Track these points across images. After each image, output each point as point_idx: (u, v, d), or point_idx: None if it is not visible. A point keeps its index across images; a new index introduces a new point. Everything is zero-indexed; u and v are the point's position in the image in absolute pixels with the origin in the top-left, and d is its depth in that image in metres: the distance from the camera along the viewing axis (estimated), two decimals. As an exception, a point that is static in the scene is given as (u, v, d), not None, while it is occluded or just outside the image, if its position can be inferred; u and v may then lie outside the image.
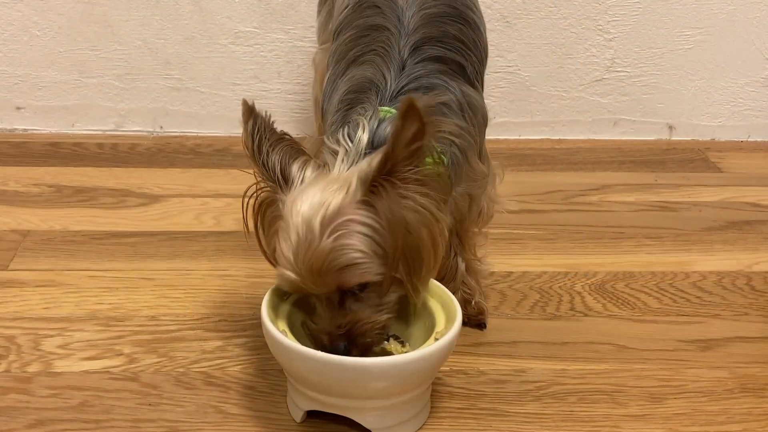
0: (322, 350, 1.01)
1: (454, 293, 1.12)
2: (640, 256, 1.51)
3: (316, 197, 0.99)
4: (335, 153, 1.05)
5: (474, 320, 1.28)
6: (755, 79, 1.98)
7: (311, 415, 1.08)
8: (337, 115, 1.14)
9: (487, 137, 1.23)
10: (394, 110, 1.08)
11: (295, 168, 1.03)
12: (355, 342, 1.03)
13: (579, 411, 1.13)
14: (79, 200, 1.63)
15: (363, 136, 1.04)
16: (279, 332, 1.02)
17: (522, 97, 1.95)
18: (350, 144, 1.04)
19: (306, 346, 1.01)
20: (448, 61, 1.17)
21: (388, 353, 1.09)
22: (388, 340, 1.12)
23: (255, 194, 1.06)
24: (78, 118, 1.92)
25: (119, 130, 1.93)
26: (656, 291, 1.40)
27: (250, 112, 1.03)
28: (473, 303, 1.28)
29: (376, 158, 0.98)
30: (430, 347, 1.01)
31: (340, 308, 1.03)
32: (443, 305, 1.10)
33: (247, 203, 1.06)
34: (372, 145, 1.04)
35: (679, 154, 1.95)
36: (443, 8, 1.21)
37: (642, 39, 1.93)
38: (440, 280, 1.12)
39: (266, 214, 1.06)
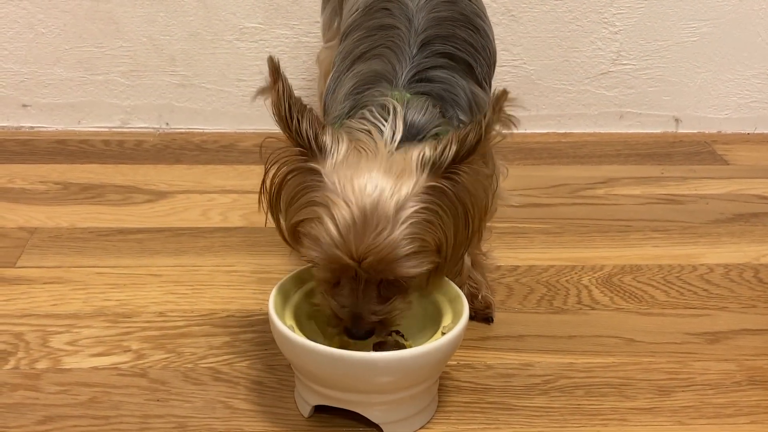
0: (343, 331, 1.02)
1: (460, 287, 1.12)
2: (647, 249, 1.51)
3: (381, 178, 0.96)
4: (366, 131, 1.02)
5: (481, 314, 1.28)
6: (761, 71, 1.98)
7: (319, 409, 1.08)
8: (344, 103, 1.13)
9: (492, 131, 1.23)
10: (409, 95, 1.08)
11: (327, 138, 0.99)
12: (381, 330, 1.04)
13: (587, 404, 1.13)
14: (85, 197, 1.64)
15: (398, 117, 1.02)
16: (286, 327, 1.02)
17: (527, 90, 1.95)
18: (386, 123, 1.02)
19: (314, 341, 1.01)
20: (458, 59, 1.17)
21: (401, 347, 1.09)
22: (390, 334, 1.12)
23: (281, 164, 1.00)
24: (84, 115, 1.92)
25: (125, 126, 1.93)
26: (663, 284, 1.40)
27: (277, 71, 0.96)
28: (480, 297, 1.28)
29: (451, 145, 0.96)
30: (438, 341, 1.02)
31: (377, 295, 1.02)
32: (450, 300, 1.10)
33: (269, 176, 1.01)
34: (406, 126, 1.02)
35: (685, 146, 1.95)
36: (453, 13, 1.21)
37: (648, 31, 1.93)
38: (447, 275, 1.12)
39: (291, 184, 1.01)
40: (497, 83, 1.28)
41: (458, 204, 0.99)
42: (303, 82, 1.91)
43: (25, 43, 1.86)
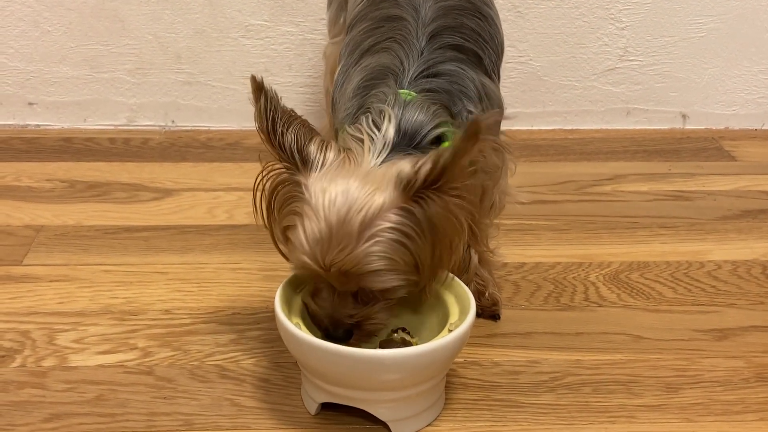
0: (323, 332, 1.03)
1: (467, 285, 1.12)
2: (655, 246, 1.50)
3: (353, 193, 0.97)
4: (360, 141, 1.03)
5: (488, 311, 1.28)
6: (769, 66, 1.97)
7: (325, 407, 1.08)
8: (352, 102, 1.13)
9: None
10: (414, 93, 1.07)
11: (313, 148, 1.00)
12: (360, 334, 1.05)
13: (594, 401, 1.13)
14: (91, 195, 1.64)
15: (390, 127, 1.02)
16: (293, 325, 1.02)
17: (534, 87, 1.95)
18: (377, 133, 1.02)
19: (319, 338, 1.01)
20: (466, 50, 1.16)
21: (407, 344, 1.09)
22: (397, 332, 1.12)
23: (270, 177, 1.03)
24: (90, 113, 1.93)
25: (131, 124, 1.93)
26: (671, 280, 1.40)
27: (260, 88, 0.99)
28: (487, 294, 1.28)
29: (424, 166, 0.95)
30: (444, 339, 1.01)
31: (353, 300, 1.03)
32: (457, 297, 1.10)
33: (260, 186, 1.04)
34: (399, 134, 1.02)
35: (692, 143, 1.94)
36: (460, 2, 1.20)
37: (654, 27, 1.92)
38: (453, 272, 1.12)
39: (280, 194, 1.03)
40: (503, 80, 1.29)
41: (426, 230, 0.98)
42: (309, 79, 1.91)
43: (31, 41, 1.86)
